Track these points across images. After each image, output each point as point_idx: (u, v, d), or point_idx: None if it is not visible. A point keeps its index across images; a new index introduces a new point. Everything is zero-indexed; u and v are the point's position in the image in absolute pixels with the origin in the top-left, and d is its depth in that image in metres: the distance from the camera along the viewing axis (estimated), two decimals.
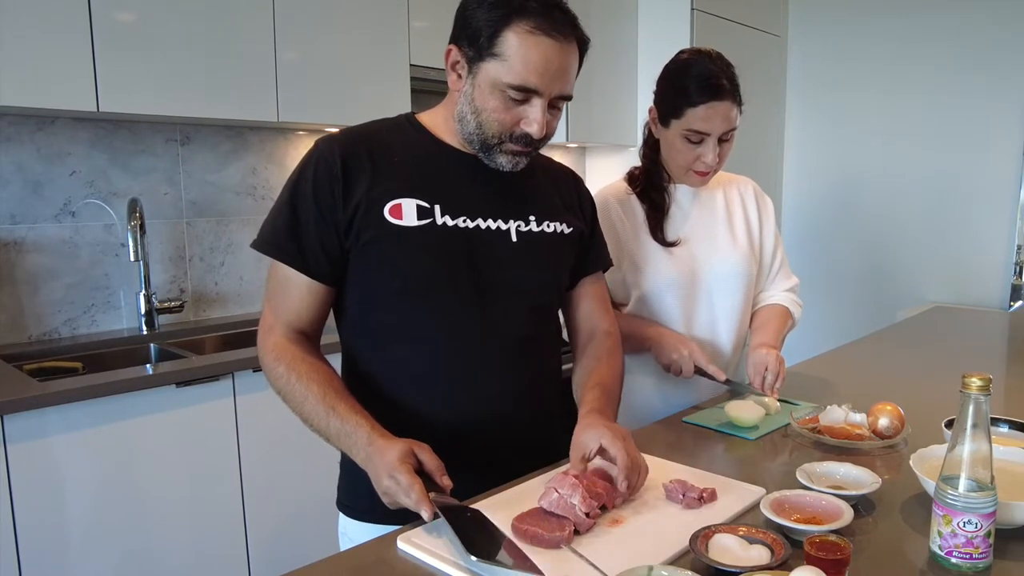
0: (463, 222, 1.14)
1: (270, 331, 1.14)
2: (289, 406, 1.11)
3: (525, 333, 1.21)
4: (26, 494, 1.68)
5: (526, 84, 1.06)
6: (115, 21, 1.98)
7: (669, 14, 3.38)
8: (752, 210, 1.70)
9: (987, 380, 0.85)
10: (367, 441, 1.02)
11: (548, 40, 1.05)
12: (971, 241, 3.52)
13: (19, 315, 2.18)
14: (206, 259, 2.56)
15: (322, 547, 1.06)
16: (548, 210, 1.24)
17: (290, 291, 1.12)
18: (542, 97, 1.08)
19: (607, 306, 1.37)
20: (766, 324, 1.65)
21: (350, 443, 1.05)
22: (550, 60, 1.05)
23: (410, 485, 0.94)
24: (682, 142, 1.50)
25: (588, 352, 1.31)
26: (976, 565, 0.86)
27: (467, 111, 1.11)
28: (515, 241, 1.18)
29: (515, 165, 1.15)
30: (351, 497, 1.23)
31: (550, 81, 1.07)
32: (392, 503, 0.99)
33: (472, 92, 1.09)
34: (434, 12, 2.68)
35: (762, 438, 1.36)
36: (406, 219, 1.10)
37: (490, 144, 1.12)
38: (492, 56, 1.05)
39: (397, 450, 0.99)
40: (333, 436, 1.06)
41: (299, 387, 1.08)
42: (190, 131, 2.48)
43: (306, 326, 1.15)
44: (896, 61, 3.63)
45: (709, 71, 1.45)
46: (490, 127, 1.10)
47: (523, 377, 1.21)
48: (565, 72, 1.08)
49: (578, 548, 0.91)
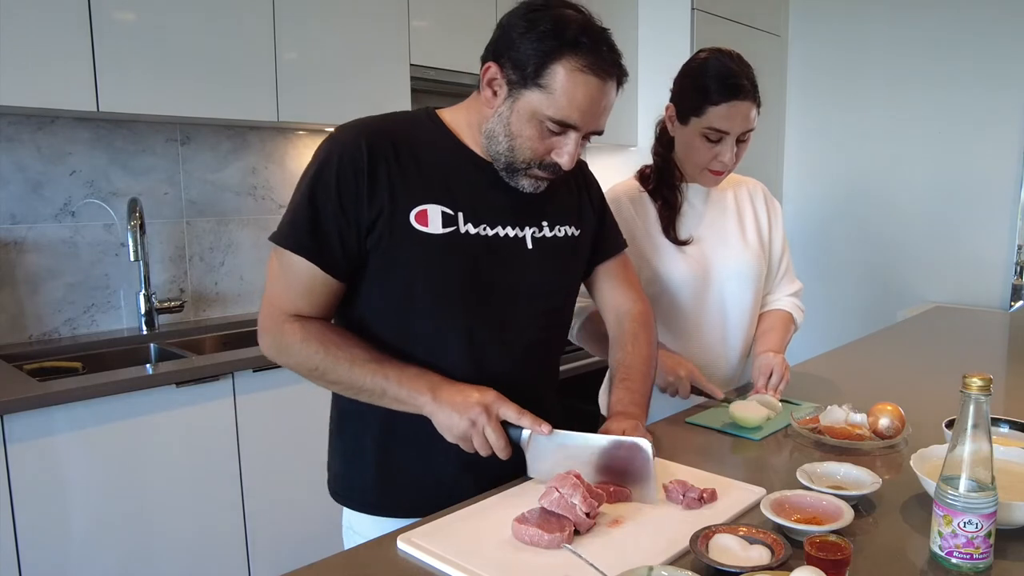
0: (484, 230, 1.14)
1: (280, 321, 1.11)
2: (328, 379, 1.10)
3: (537, 337, 1.23)
4: (26, 494, 1.68)
5: (567, 120, 1.06)
6: (115, 21, 1.98)
7: (669, 14, 3.38)
8: (762, 212, 1.71)
9: (987, 380, 0.85)
10: (442, 380, 1.07)
11: (595, 80, 1.05)
12: (971, 241, 3.51)
13: (19, 315, 2.18)
14: (206, 259, 2.56)
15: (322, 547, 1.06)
16: (560, 214, 1.25)
17: (301, 283, 1.10)
18: (579, 132, 1.08)
19: (631, 282, 1.38)
20: (771, 331, 1.67)
21: (418, 384, 1.07)
22: (594, 99, 1.06)
23: (520, 412, 1.04)
24: (700, 140, 1.50)
25: (616, 340, 1.33)
26: (976, 565, 0.86)
27: (500, 132, 1.10)
28: (530, 248, 1.19)
29: (536, 188, 1.15)
30: (356, 490, 1.22)
31: (590, 118, 1.08)
32: (465, 435, 1.04)
33: (509, 116, 1.08)
34: (434, 12, 2.68)
35: (765, 439, 1.36)
36: (431, 226, 1.10)
37: (517, 168, 1.12)
38: (537, 86, 1.05)
39: (493, 390, 1.07)
40: (392, 384, 1.07)
41: (342, 354, 1.08)
42: (190, 131, 2.48)
43: (315, 317, 1.14)
44: (896, 61, 3.63)
45: (731, 70, 1.46)
46: (522, 153, 1.10)
47: (531, 378, 1.23)
48: (605, 110, 1.10)
49: (579, 548, 0.91)
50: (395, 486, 1.19)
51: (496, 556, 0.91)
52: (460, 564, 0.88)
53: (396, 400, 1.08)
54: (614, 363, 1.31)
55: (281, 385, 2.08)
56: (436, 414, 1.06)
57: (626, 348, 1.30)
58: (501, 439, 1.04)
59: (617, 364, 1.29)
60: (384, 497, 1.19)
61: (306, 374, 1.11)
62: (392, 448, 1.18)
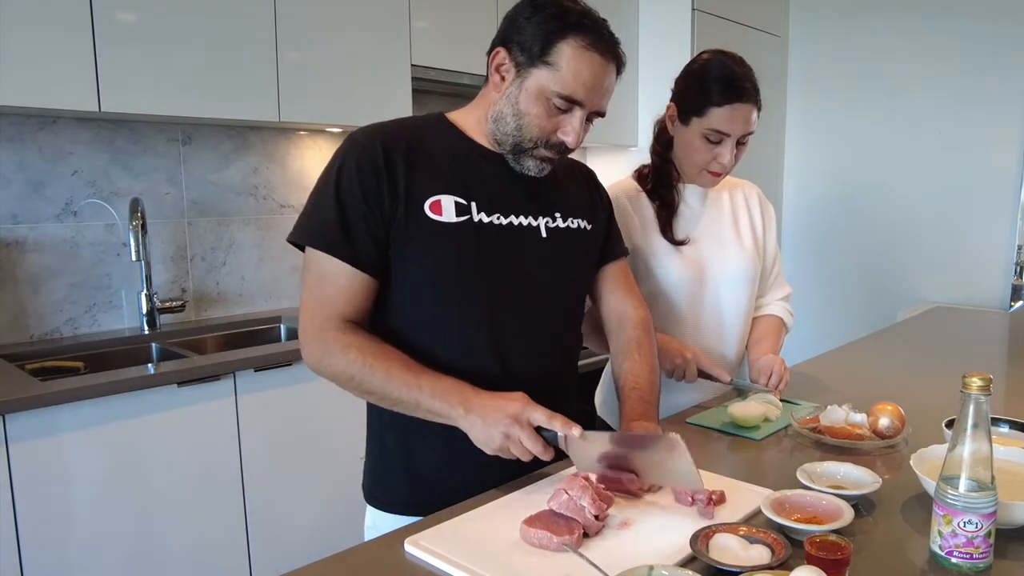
0: (497, 219, 1.17)
1: (323, 327, 1.12)
2: (364, 389, 1.11)
3: (554, 330, 1.25)
4: (28, 493, 1.69)
5: (573, 95, 1.11)
6: (117, 21, 1.98)
7: (669, 14, 3.38)
8: (756, 214, 1.72)
9: (987, 380, 0.85)
10: (474, 393, 1.08)
11: (599, 58, 1.11)
12: (971, 241, 3.52)
13: (21, 315, 2.18)
14: (207, 259, 2.56)
15: (323, 546, 1.06)
16: (571, 207, 1.28)
17: (338, 286, 1.12)
18: (584, 109, 1.13)
19: (631, 287, 1.40)
20: (764, 338, 1.69)
21: (451, 398, 1.08)
22: (597, 76, 1.11)
23: (550, 416, 1.04)
24: (701, 141, 1.50)
25: (619, 348, 1.34)
26: (976, 565, 0.86)
27: (508, 112, 1.14)
28: (545, 237, 1.22)
29: (541, 171, 1.18)
30: (382, 489, 1.24)
31: (594, 96, 1.13)
32: (502, 448, 1.04)
33: (517, 95, 1.13)
34: (435, 12, 2.69)
35: (765, 439, 1.36)
36: (445, 215, 1.13)
37: (524, 147, 1.15)
38: (544, 64, 1.10)
39: (522, 395, 1.08)
40: (427, 397, 1.08)
41: (379, 365, 1.09)
42: (191, 131, 2.49)
43: (356, 318, 1.15)
44: (896, 62, 3.63)
45: (735, 73, 1.47)
46: (529, 131, 1.13)
47: (550, 369, 1.25)
48: (607, 90, 1.15)
49: (587, 550, 0.91)
50: (420, 485, 1.20)
51: (504, 559, 0.90)
52: (467, 567, 0.88)
53: (430, 412, 1.10)
54: (623, 372, 1.31)
55: (282, 385, 2.09)
56: (471, 430, 1.07)
57: (633, 357, 1.31)
58: (538, 444, 1.04)
59: (626, 373, 1.30)
60: (411, 496, 1.21)
61: (344, 383, 1.13)
62: (416, 447, 1.19)
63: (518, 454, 1.05)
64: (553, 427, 1.05)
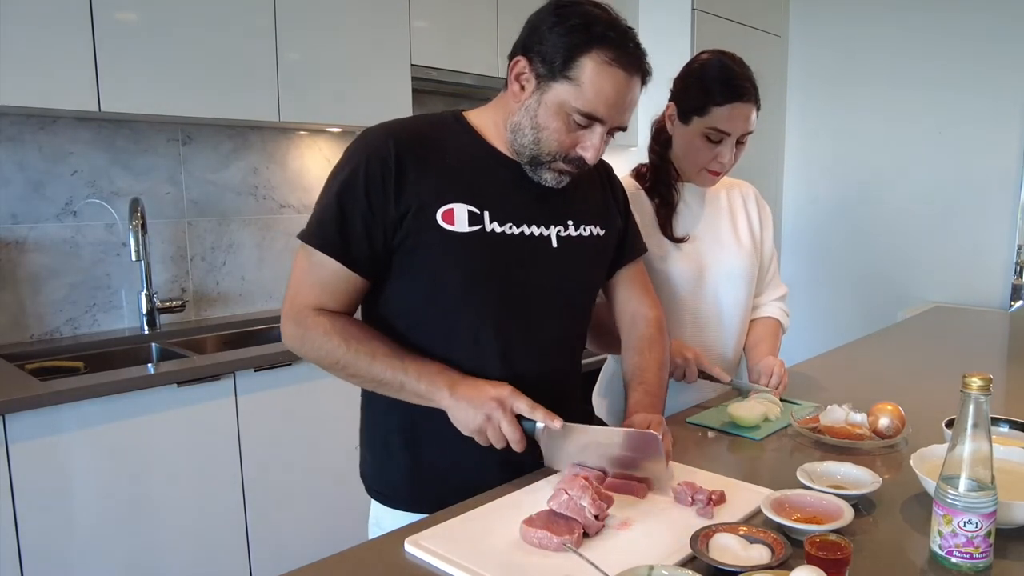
0: (509, 229, 1.16)
1: (305, 313, 1.12)
2: (348, 372, 1.11)
3: (561, 335, 1.25)
4: (28, 493, 1.69)
5: (594, 112, 1.08)
6: (117, 21, 1.98)
7: (669, 14, 3.38)
8: (754, 214, 1.73)
9: (987, 380, 0.85)
10: (460, 376, 1.09)
11: (622, 73, 1.07)
12: (971, 241, 3.52)
13: (21, 314, 2.18)
14: (207, 259, 2.56)
15: (323, 546, 1.06)
16: (585, 214, 1.26)
17: (327, 281, 1.12)
18: (604, 126, 1.10)
19: (647, 288, 1.40)
20: (762, 341, 1.69)
21: (438, 380, 1.08)
22: (620, 93, 1.08)
23: (533, 405, 1.05)
24: (701, 140, 1.51)
25: (631, 344, 1.34)
26: (976, 565, 0.86)
27: (526, 125, 1.12)
28: (555, 247, 1.20)
29: (559, 183, 1.17)
30: (386, 485, 1.24)
31: (616, 112, 1.10)
32: (481, 429, 1.05)
33: (537, 108, 1.10)
34: (435, 12, 2.68)
35: (765, 439, 1.36)
36: (458, 225, 1.11)
37: (542, 160, 1.13)
38: (565, 79, 1.07)
39: (508, 385, 1.08)
40: (412, 379, 1.09)
41: (362, 348, 1.09)
42: (191, 131, 2.49)
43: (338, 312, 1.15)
44: (896, 61, 3.63)
45: (735, 72, 1.47)
46: (548, 145, 1.11)
47: (556, 369, 1.25)
48: (630, 104, 1.12)
49: (587, 550, 0.91)
50: (423, 481, 1.20)
51: (504, 559, 0.90)
52: (467, 567, 0.88)
53: (415, 394, 1.10)
54: (630, 366, 1.31)
55: (282, 385, 2.08)
56: (453, 409, 1.08)
57: (643, 353, 1.31)
58: (516, 432, 1.05)
59: (634, 367, 1.30)
60: (413, 492, 1.21)
61: (327, 367, 1.13)
62: (419, 443, 1.19)
63: (493, 439, 1.06)
64: (535, 417, 1.06)
